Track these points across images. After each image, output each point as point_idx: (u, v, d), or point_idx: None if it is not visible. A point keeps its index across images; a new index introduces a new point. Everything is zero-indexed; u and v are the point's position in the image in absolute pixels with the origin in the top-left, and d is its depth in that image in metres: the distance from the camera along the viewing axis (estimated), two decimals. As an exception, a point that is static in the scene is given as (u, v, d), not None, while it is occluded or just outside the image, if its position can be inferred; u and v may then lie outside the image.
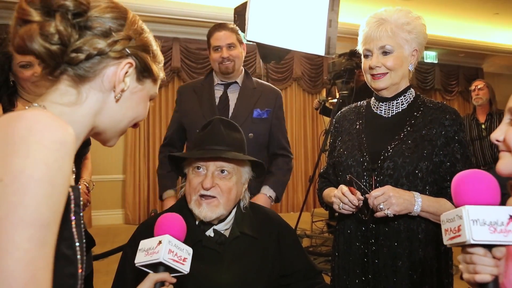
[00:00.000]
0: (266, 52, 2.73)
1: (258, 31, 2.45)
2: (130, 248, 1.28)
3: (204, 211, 1.26)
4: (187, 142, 2.18)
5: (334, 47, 2.56)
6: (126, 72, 0.74)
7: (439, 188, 1.32)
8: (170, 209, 1.38)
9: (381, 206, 1.22)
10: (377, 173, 1.32)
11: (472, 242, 0.75)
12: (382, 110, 1.44)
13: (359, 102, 1.57)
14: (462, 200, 0.79)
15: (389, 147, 1.33)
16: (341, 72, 3.69)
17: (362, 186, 1.30)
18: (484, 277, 0.75)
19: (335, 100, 3.95)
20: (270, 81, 2.64)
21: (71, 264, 0.65)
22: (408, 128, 1.36)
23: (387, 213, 1.22)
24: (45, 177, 0.54)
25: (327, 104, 4.38)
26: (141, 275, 1.02)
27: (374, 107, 1.47)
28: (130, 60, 0.74)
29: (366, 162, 1.35)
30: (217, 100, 2.12)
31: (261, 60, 2.95)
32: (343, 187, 1.31)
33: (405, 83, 1.41)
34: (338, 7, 2.54)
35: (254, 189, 1.93)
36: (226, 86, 2.15)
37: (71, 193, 0.65)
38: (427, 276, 1.29)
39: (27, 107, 0.69)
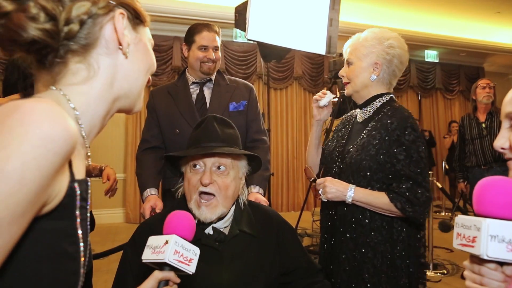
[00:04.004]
0: (267, 51, 2.73)
1: (259, 30, 2.45)
2: (130, 248, 1.29)
3: (204, 213, 1.27)
4: (166, 143, 2.18)
5: (335, 46, 2.56)
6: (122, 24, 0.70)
7: (386, 185, 1.53)
8: (170, 209, 1.38)
9: (320, 192, 1.55)
10: (337, 168, 1.64)
11: (486, 258, 0.71)
12: (358, 116, 1.71)
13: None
14: (484, 209, 0.73)
15: (349, 148, 1.61)
16: (341, 71, 3.69)
17: (315, 176, 1.69)
18: None
19: (336, 99, 3.95)
20: (271, 80, 2.65)
21: (73, 261, 0.63)
22: (365, 133, 1.59)
23: (322, 197, 1.54)
24: (15, 173, 0.50)
25: (327, 103, 4.38)
26: (141, 275, 1.02)
27: (356, 113, 1.74)
28: (120, 10, 0.70)
29: (336, 156, 1.67)
30: (194, 98, 2.15)
31: (261, 59, 2.95)
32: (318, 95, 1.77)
33: (367, 92, 1.62)
34: (339, 6, 2.54)
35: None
36: (202, 84, 2.18)
37: (77, 188, 0.62)
38: (369, 257, 1.52)
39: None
